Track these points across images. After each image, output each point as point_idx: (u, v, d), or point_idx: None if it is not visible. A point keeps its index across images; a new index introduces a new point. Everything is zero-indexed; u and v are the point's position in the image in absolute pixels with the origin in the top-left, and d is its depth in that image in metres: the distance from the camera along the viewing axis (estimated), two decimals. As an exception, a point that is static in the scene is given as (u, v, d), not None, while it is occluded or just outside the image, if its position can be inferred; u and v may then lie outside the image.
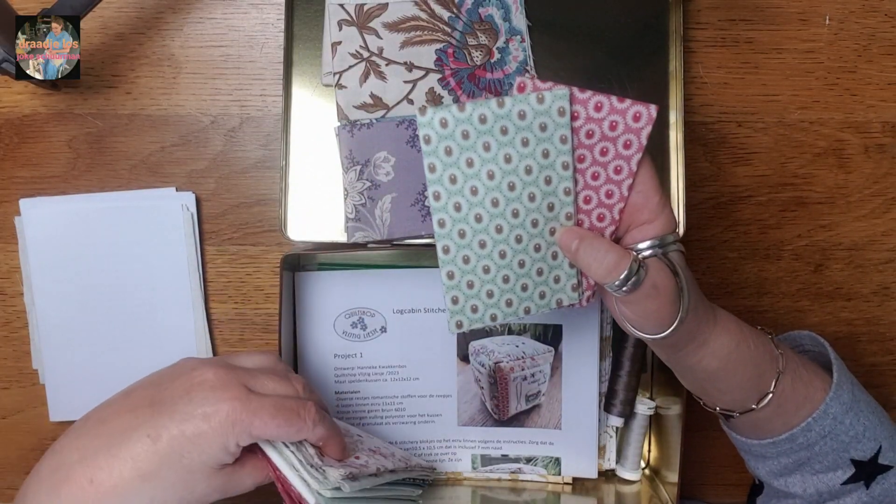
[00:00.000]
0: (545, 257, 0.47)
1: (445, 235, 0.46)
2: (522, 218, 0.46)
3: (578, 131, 0.45)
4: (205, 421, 0.42)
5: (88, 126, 0.60)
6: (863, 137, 0.62)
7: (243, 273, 0.61)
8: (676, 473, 0.57)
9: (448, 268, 0.46)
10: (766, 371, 0.48)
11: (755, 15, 0.61)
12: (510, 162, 0.45)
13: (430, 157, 0.44)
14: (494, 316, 0.48)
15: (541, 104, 0.44)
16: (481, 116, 0.43)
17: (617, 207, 0.46)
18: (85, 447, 0.43)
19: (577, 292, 0.49)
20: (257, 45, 0.60)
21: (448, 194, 0.45)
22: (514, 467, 0.62)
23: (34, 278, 0.59)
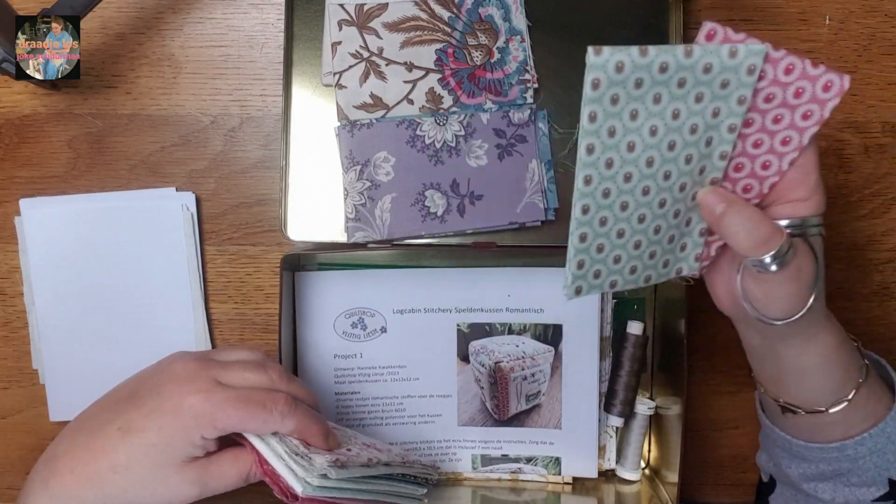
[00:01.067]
0: (680, 224, 0.44)
1: (588, 194, 0.41)
2: (673, 180, 0.42)
3: (758, 93, 0.41)
4: (169, 414, 0.42)
5: (88, 126, 0.60)
6: (863, 137, 0.62)
7: (243, 273, 0.61)
8: (676, 473, 0.57)
9: (583, 230, 0.42)
10: (851, 379, 0.46)
11: (755, 15, 0.61)
12: (678, 118, 0.41)
13: (593, 104, 0.39)
14: (615, 283, 0.45)
15: (732, 59, 0.39)
16: (662, 64, 0.39)
17: (769, 181, 0.43)
18: (71, 439, 0.44)
19: (698, 262, 0.46)
20: (257, 45, 0.60)
21: (603, 148, 0.40)
22: (515, 467, 0.62)
23: (34, 278, 0.59)
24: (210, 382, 0.44)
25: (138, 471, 0.42)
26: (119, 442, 0.43)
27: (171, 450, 0.43)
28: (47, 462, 0.44)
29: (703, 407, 0.64)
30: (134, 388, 0.46)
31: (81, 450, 0.43)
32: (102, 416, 0.44)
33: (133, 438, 0.42)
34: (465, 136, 0.58)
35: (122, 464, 0.42)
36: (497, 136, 0.58)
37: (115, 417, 0.44)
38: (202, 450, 0.43)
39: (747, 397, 0.63)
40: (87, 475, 0.43)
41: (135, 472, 0.42)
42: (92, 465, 0.43)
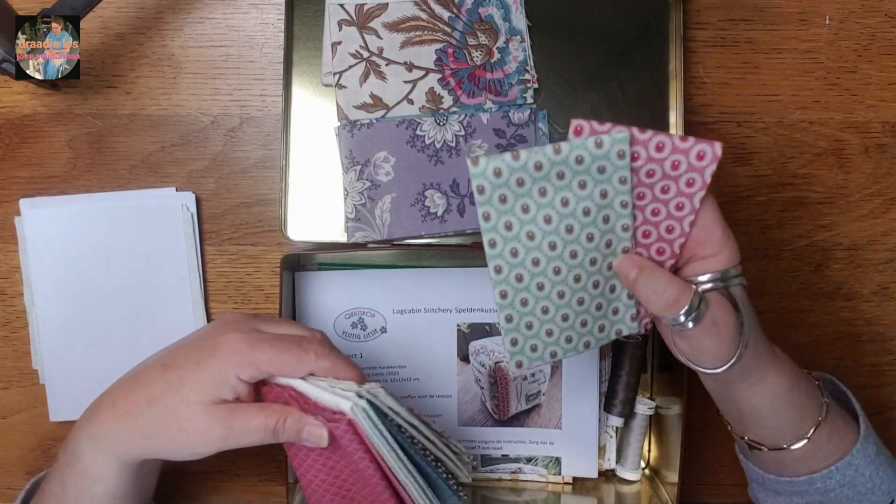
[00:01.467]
0: (603, 292, 0.47)
1: (502, 281, 0.45)
2: (581, 258, 0.45)
3: (638, 171, 0.43)
4: (207, 351, 0.44)
5: (88, 126, 0.60)
6: (863, 137, 0.62)
7: (243, 273, 0.61)
8: (676, 473, 0.57)
9: (507, 311, 0.46)
10: (809, 417, 0.48)
11: (755, 15, 0.61)
12: (567, 205, 0.43)
13: (485, 206, 0.43)
14: (554, 353, 0.47)
15: (599, 149, 0.42)
16: (537, 164, 0.42)
17: (678, 242, 0.45)
18: (120, 380, 0.47)
19: (636, 322, 0.48)
20: (257, 45, 0.60)
21: (504, 241, 0.44)
22: (515, 467, 0.62)
23: (34, 278, 0.59)
24: (250, 328, 0.46)
25: (170, 404, 0.43)
26: (158, 376, 0.45)
27: (204, 386, 0.43)
28: (96, 401, 0.47)
29: (703, 407, 0.64)
30: (186, 337, 0.48)
31: (125, 385, 0.46)
32: (154, 357, 0.47)
33: (171, 373, 0.44)
34: (465, 136, 0.58)
35: (156, 396, 0.44)
36: (497, 136, 0.58)
37: (163, 357, 0.46)
38: (233, 392, 0.44)
39: (747, 397, 0.63)
40: (125, 407, 0.45)
41: (167, 405, 0.44)
42: (131, 397, 0.45)
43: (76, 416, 0.60)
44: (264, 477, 0.63)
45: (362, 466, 0.45)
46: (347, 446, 0.44)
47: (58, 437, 0.62)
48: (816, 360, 0.64)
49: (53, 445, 0.62)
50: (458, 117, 0.58)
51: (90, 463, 0.45)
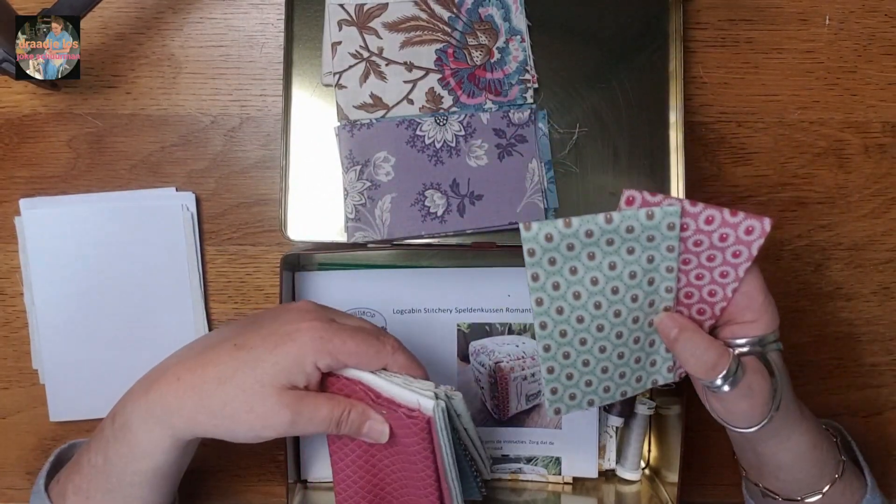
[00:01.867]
0: (643, 346, 0.48)
1: (547, 336, 0.47)
2: (624, 317, 0.46)
3: (686, 240, 0.45)
4: (286, 336, 0.44)
5: (88, 126, 0.60)
6: (863, 137, 0.62)
7: (243, 273, 0.61)
8: (676, 473, 0.57)
9: (549, 364, 0.47)
10: (827, 474, 0.49)
11: (755, 15, 0.61)
12: (615, 269, 0.45)
13: (534, 267, 0.44)
14: (592, 401, 0.49)
15: (650, 220, 0.43)
16: (588, 231, 0.44)
17: (719, 305, 0.47)
18: (182, 354, 0.47)
19: (672, 373, 0.50)
20: (257, 45, 0.60)
21: (551, 300, 0.46)
22: (515, 467, 0.62)
23: (34, 278, 0.59)
24: (327, 318, 0.46)
25: (242, 384, 0.43)
26: (231, 356, 0.44)
27: (281, 370, 0.43)
28: (151, 374, 0.46)
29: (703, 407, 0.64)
30: (254, 318, 0.48)
31: (192, 361, 0.45)
32: (220, 335, 0.47)
33: (244, 353, 0.44)
34: (465, 136, 0.58)
35: (228, 375, 0.43)
36: (497, 136, 0.58)
37: (232, 336, 0.46)
38: (306, 379, 0.44)
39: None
40: (191, 382, 0.44)
41: (238, 385, 0.43)
42: (199, 373, 0.44)
43: (76, 416, 0.60)
44: (264, 477, 0.63)
45: (420, 465, 0.46)
46: (414, 444, 0.46)
47: (58, 437, 0.62)
48: (816, 360, 0.64)
49: (53, 445, 0.62)
50: (458, 117, 0.58)
51: (142, 436, 0.44)
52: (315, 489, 0.60)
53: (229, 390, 0.43)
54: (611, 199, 0.58)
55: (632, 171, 0.58)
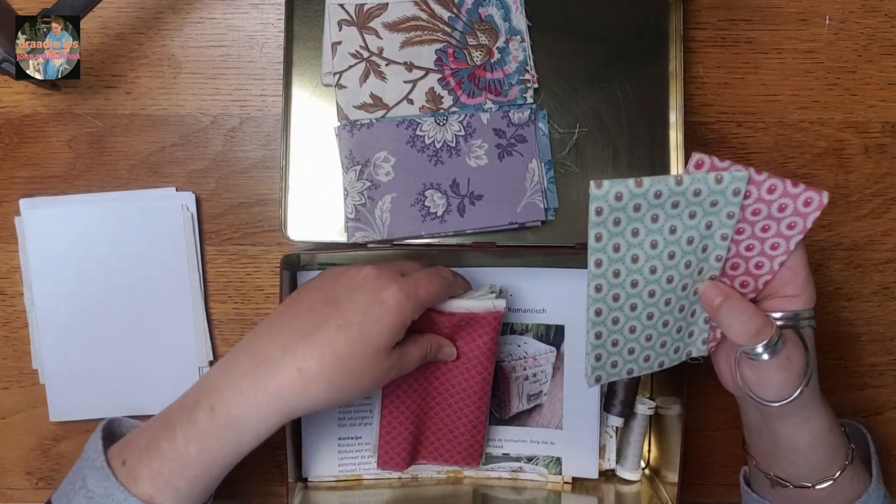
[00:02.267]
0: (686, 316, 0.50)
1: (600, 300, 0.47)
2: (676, 283, 0.48)
3: (745, 208, 0.46)
4: (383, 304, 0.47)
5: (88, 126, 0.60)
6: (863, 137, 0.62)
7: (243, 273, 0.61)
8: (676, 473, 0.57)
9: (598, 329, 0.48)
10: (837, 460, 0.50)
11: (755, 15, 0.61)
12: (675, 233, 0.46)
13: (599, 227, 0.45)
14: (631, 370, 0.51)
15: (718, 185, 0.44)
16: (657, 192, 0.44)
17: (763, 279, 0.48)
18: (286, 344, 0.46)
19: (705, 345, 0.51)
20: (257, 45, 0.60)
21: (610, 261, 0.46)
22: (516, 466, 0.62)
23: (34, 278, 0.59)
24: (394, 274, 0.49)
25: (359, 359, 0.46)
26: (342, 336, 0.46)
27: (390, 336, 0.47)
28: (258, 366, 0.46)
29: (703, 407, 0.64)
30: (325, 295, 0.49)
31: (304, 349, 0.46)
32: (310, 320, 0.47)
33: (353, 331, 0.46)
34: (465, 136, 0.58)
35: (347, 353, 0.46)
36: (497, 136, 0.58)
37: (328, 317, 0.47)
38: (403, 334, 0.49)
39: (747, 397, 0.63)
40: (315, 371, 0.45)
41: (356, 361, 0.46)
42: (319, 360, 0.45)
43: (76, 416, 0.60)
44: (264, 477, 0.63)
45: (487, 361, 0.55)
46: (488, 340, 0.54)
47: (57, 437, 0.62)
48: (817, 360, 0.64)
49: (53, 445, 0.62)
50: (458, 117, 0.58)
51: (260, 427, 0.45)
52: (315, 489, 0.60)
53: (351, 368, 0.46)
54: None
55: (632, 170, 0.58)
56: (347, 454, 0.60)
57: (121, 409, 0.61)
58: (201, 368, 0.61)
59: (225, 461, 0.46)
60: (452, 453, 0.58)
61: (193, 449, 0.45)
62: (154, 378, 0.60)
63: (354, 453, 0.60)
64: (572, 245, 0.58)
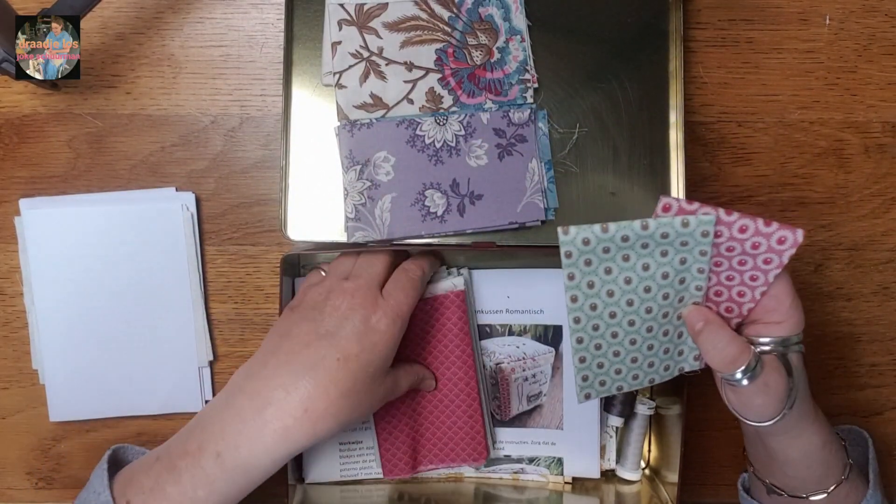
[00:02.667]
0: (672, 338, 0.51)
1: (580, 329, 0.49)
2: (655, 313, 0.49)
3: (719, 245, 0.46)
4: (375, 331, 0.48)
5: (88, 126, 0.60)
6: (863, 137, 0.62)
7: (243, 273, 0.61)
8: (677, 473, 0.57)
9: (581, 354, 0.51)
10: (832, 475, 0.50)
11: (755, 15, 0.61)
12: (648, 269, 0.47)
13: (571, 268, 0.47)
14: (621, 387, 0.52)
15: (685, 228, 0.45)
16: (624, 237, 0.45)
17: (747, 306, 0.48)
18: (287, 385, 0.46)
19: (698, 361, 0.52)
20: (257, 45, 0.60)
21: (585, 297, 0.48)
22: (517, 467, 0.62)
23: (34, 278, 0.59)
24: (375, 294, 0.50)
25: (360, 389, 0.47)
26: (343, 371, 0.47)
27: (383, 361, 0.49)
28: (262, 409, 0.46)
29: (703, 407, 0.64)
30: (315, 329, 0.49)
31: (308, 387, 0.46)
32: (308, 357, 0.47)
33: (352, 363, 0.47)
34: (465, 135, 0.58)
35: (349, 388, 0.47)
36: (497, 135, 0.58)
37: (326, 353, 0.47)
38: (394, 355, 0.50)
39: (747, 397, 0.63)
40: (321, 410, 0.46)
41: (357, 392, 0.47)
42: (324, 398, 0.46)
43: (76, 417, 0.60)
44: (264, 477, 0.63)
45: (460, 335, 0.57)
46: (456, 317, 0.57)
47: (57, 437, 0.62)
48: (817, 361, 0.64)
49: (53, 445, 0.62)
50: (458, 117, 0.58)
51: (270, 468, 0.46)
52: (315, 489, 0.60)
53: (354, 400, 0.47)
54: (611, 198, 0.58)
55: (632, 170, 0.58)
56: (349, 459, 0.60)
57: (121, 409, 0.61)
58: (201, 369, 0.61)
59: (234, 499, 0.47)
60: (456, 451, 0.59)
61: (202, 493, 0.45)
62: (154, 378, 0.60)
63: (356, 458, 0.60)
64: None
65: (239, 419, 0.46)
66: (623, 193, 0.58)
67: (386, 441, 0.58)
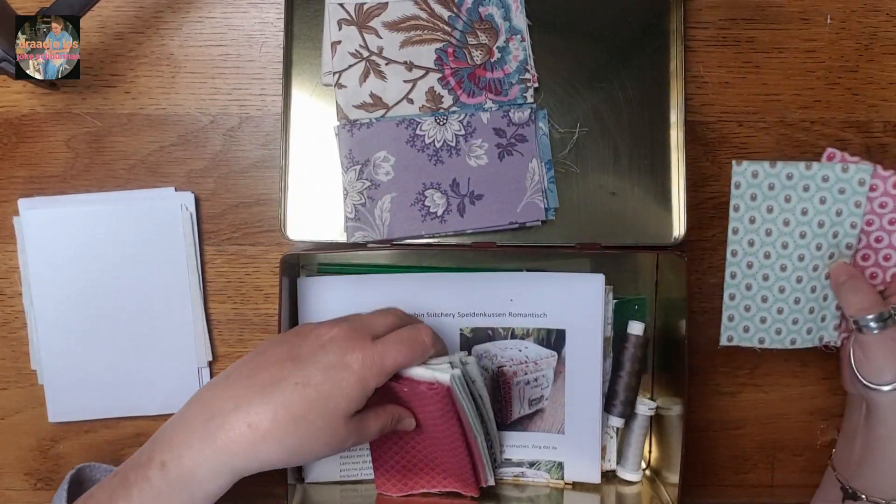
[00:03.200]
0: (818, 298, 0.55)
1: (735, 264, 0.55)
2: (806, 262, 0.54)
3: (873, 200, 0.53)
4: (347, 369, 0.46)
5: (87, 126, 0.60)
6: (864, 137, 0.62)
7: (243, 273, 0.61)
8: (677, 474, 0.56)
9: (731, 290, 0.56)
10: None
11: (756, 14, 0.61)
12: (806, 214, 0.54)
13: (737, 199, 0.54)
14: (762, 339, 0.57)
15: (845, 173, 0.53)
16: (788, 174, 0.53)
17: (891, 271, 0.54)
18: (239, 397, 0.45)
19: (837, 331, 0.56)
20: (257, 45, 0.60)
21: (745, 231, 0.55)
22: (518, 471, 0.61)
23: (33, 278, 0.59)
24: (367, 337, 0.48)
25: (316, 421, 0.45)
26: (298, 396, 0.45)
27: (350, 402, 0.46)
28: (210, 419, 0.45)
29: (703, 407, 0.64)
30: (289, 351, 0.47)
31: (258, 405, 0.45)
32: (269, 375, 0.46)
33: (310, 392, 0.45)
34: (465, 135, 0.58)
35: (301, 415, 0.44)
36: (497, 135, 0.58)
37: (287, 375, 0.46)
38: (364, 402, 0.47)
39: (748, 398, 0.63)
40: (265, 429, 0.44)
41: (310, 423, 0.45)
42: (271, 418, 0.44)
43: (75, 417, 0.60)
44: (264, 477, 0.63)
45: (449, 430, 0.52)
46: (438, 412, 0.51)
47: (56, 438, 0.62)
48: (817, 360, 0.64)
49: (52, 446, 0.62)
50: (458, 117, 0.58)
51: (210, 485, 0.45)
52: (315, 489, 0.60)
53: (304, 430, 0.45)
54: (612, 198, 0.58)
55: (632, 170, 0.58)
56: (349, 459, 0.60)
57: (120, 409, 0.61)
58: (200, 369, 0.61)
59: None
60: (449, 480, 0.57)
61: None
62: (153, 378, 0.60)
63: (356, 458, 0.60)
64: (572, 245, 0.58)
65: (188, 429, 0.45)
66: (623, 193, 0.58)
67: (378, 460, 0.57)
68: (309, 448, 0.45)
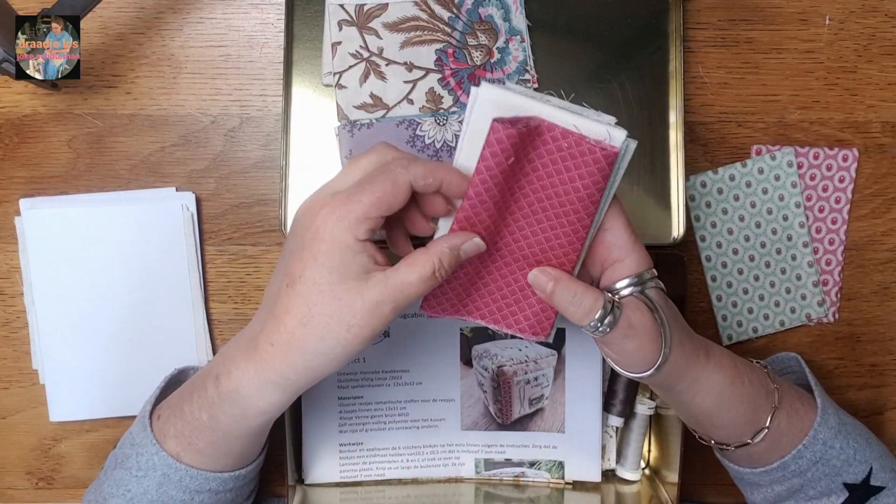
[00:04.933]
0: (790, 278, 0.61)
1: (712, 268, 0.61)
2: (769, 248, 0.60)
3: (803, 176, 0.60)
4: (314, 239, 0.41)
5: (88, 126, 0.60)
6: (863, 137, 0.62)
7: (243, 273, 0.61)
8: (676, 473, 0.57)
9: (716, 293, 0.61)
10: (762, 406, 0.48)
11: (755, 15, 0.61)
12: (755, 207, 0.60)
13: (696, 210, 0.60)
14: (756, 329, 0.61)
15: (773, 161, 0.60)
16: (731, 175, 0.60)
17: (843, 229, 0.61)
18: (262, 318, 0.44)
19: (822, 307, 0.61)
20: (257, 45, 0.60)
21: (711, 236, 0.60)
22: (518, 471, 0.62)
23: (34, 278, 0.59)
24: (328, 195, 0.42)
25: (322, 311, 0.41)
26: (290, 295, 0.42)
27: (338, 274, 0.40)
28: (249, 341, 0.44)
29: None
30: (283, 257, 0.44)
31: (271, 322, 0.43)
32: (272, 290, 0.44)
33: (300, 285, 0.41)
34: (466, 136, 0.58)
35: (305, 314, 0.41)
36: (497, 136, 0.58)
37: (278, 280, 0.43)
38: (366, 258, 0.41)
39: (748, 397, 0.63)
40: (282, 341, 0.42)
41: (320, 315, 0.41)
42: (282, 329, 0.42)
43: (76, 417, 0.60)
44: (264, 477, 0.63)
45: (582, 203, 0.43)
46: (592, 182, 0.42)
47: (58, 437, 0.62)
48: (817, 361, 0.64)
49: (53, 445, 0.62)
50: (459, 117, 0.58)
51: (258, 401, 0.44)
52: (315, 491, 0.60)
53: (317, 324, 0.41)
54: (611, 199, 0.58)
55: (632, 170, 0.58)
56: (349, 460, 0.60)
57: (120, 409, 0.61)
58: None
59: (237, 430, 0.46)
60: (517, 317, 0.48)
61: (205, 415, 0.46)
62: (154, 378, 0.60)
63: (356, 459, 0.60)
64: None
65: (236, 345, 0.46)
66: (623, 193, 0.58)
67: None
68: (336, 340, 0.41)
